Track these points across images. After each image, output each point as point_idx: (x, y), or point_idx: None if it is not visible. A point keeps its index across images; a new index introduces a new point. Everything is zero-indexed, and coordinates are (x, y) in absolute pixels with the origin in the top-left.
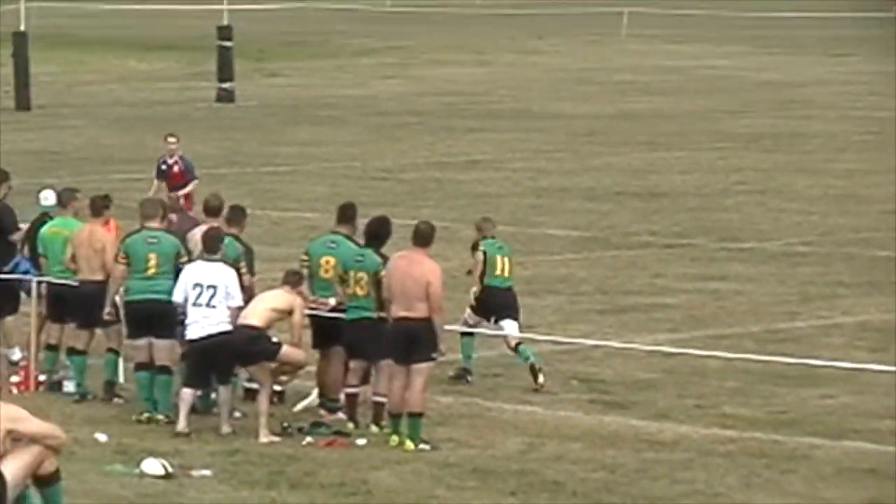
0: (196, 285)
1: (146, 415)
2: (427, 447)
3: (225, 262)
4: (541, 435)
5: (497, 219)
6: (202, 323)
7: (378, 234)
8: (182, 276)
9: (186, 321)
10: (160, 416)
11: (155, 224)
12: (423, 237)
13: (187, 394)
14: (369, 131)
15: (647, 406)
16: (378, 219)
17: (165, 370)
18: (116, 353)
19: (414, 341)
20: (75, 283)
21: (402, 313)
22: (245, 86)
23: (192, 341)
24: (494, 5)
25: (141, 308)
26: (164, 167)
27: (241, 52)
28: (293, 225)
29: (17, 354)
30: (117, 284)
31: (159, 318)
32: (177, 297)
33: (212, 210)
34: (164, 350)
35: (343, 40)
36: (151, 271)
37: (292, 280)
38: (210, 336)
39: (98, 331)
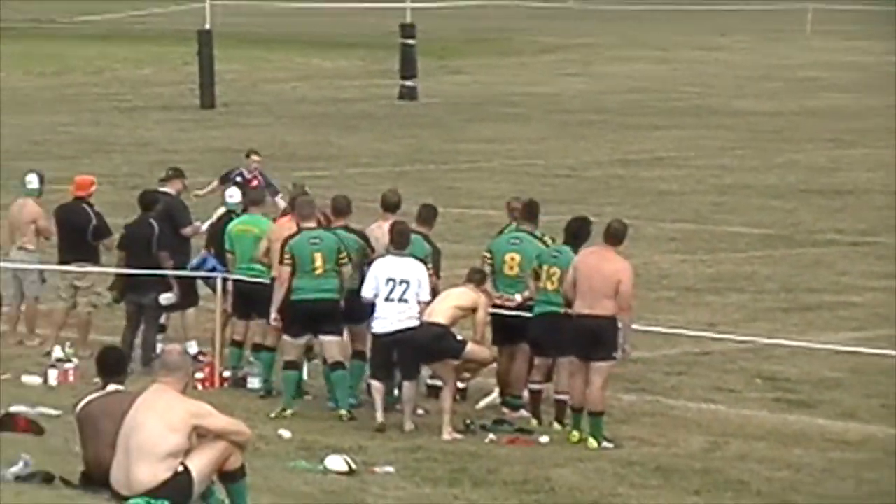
0: (389, 280)
1: (289, 411)
2: (610, 445)
3: (415, 256)
4: (725, 433)
5: (680, 216)
6: (392, 318)
7: (578, 233)
8: (371, 271)
9: (375, 315)
10: (343, 412)
11: (312, 224)
12: (616, 235)
13: (378, 387)
14: (552, 128)
15: (833, 405)
16: (579, 219)
17: (340, 365)
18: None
19: (596, 339)
20: (264, 280)
21: (586, 310)
22: (428, 83)
23: (379, 335)
24: (677, 2)
25: (310, 307)
26: (238, 178)
27: (424, 49)
28: (475, 222)
29: (193, 348)
30: (284, 287)
31: (329, 315)
32: (366, 292)
33: (390, 206)
34: (336, 346)
35: (526, 37)
36: (318, 271)
37: (476, 278)
38: (398, 331)
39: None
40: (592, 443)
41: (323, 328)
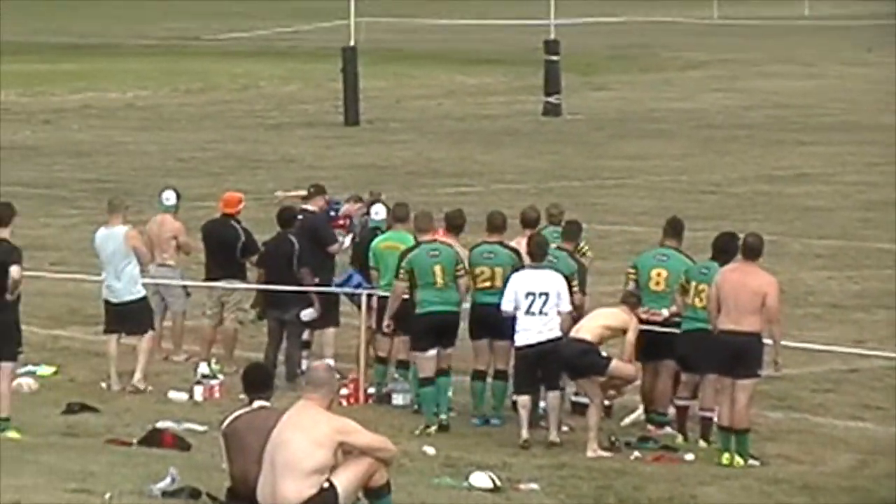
0: (528, 294)
1: (432, 428)
2: (756, 463)
3: (553, 268)
4: (873, 452)
5: (826, 232)
6: (534, 331)
7: (726, 249)
8: (510, 284)
9: (517, 328)
10: (442, 417)
11: (429, 237)
12: (754, 250)
13: (525, 401)
14: (697, 145)
15: None
16: (726, 234)
17: (430, 381)
18: (447, 371)
19: (740, 356)
20: (407, 297)
21: (731, 326)
22: (572, 99)
23: (522, 347)
24: (822, 17)
25: (435, 320)
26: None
27: (568, 65)
28: (619, 238)
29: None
30: (398, 301)
31: (452, 328)
32: (506, 306)
33: (529, 222)
34: (448, 357)
35: (670, 53)
36: (439, 283)
37: (631, 301)
38: (541, 343)
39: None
40: (739, 461)
41: (443, 340)
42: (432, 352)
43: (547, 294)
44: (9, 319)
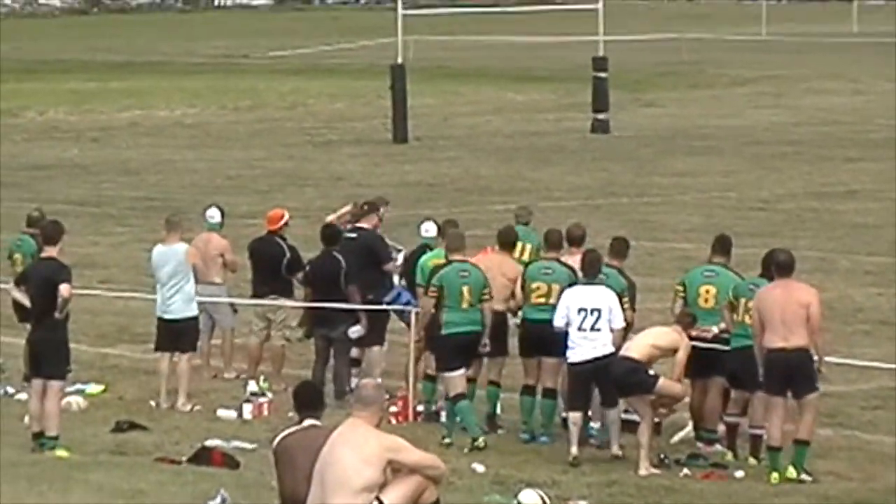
0: (580, 310)
1: (480, 440)
2: (808, 479)
3: (606, 284)
4: None
5: (875, 249)
6: (586, 347)
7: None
8: (563, 300)
9: (569, 344)
10: (480, 440)
11: (460, 256)
12: (788, 266)
13: (576, 417)
14: (745, 161)
15: None
16: (779, 251)
17: (461, 397)
18: (498, 385)
19: (797, 373)
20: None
21: (780, 344)
22: (620, 116)
23: (575, 364)
24: (871, 34)
25: (460, 340)
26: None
27: (617, 82)
28: (668, 255)
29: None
30: (427, 316)
31: (475, 346)
32: (558, 321)
33: (574, 240)
34: (460, 380)
35: (718, 70)
36: (466, 304)
37: (685, 321)
38: (594, 359)
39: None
40: (792, 471)
41: (467, 360)
42: (461, 371)
43: (599, 310)
44: (58, 338)
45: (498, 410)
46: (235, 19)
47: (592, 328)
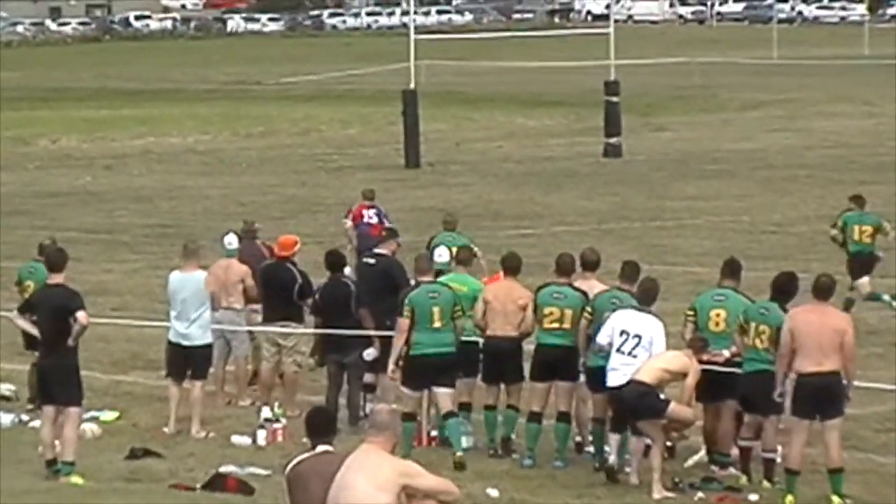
0: (622, 332)
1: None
2: (850, 502)
3: (654, 313)
4: None
5: (889, 271)
6: (622, 371)
7: (786, 289)
8: (610, 320)
9: (609, 366)
10: (458, 454)
11: (428, 278)
12: (827, 290)
13: (615, 438)
14: (757, 185)
15: None
16: (786, 274)
17: (452, 414)
18: (516, 409)
19: (828, 397)
20: (470, 338)
21: (814, 368)
22: (632, 140)
23: (613, 388)
24: (882, 56)
25: (429, 361)
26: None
27: (628, 106)
28: (680, 279)
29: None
30: (403, 337)
31: (445, 369)
32: (601, 339)
33: (589, 264)
34: (449, 398)
35: (730, 94)
36: (437, 324)
37: (697, 345)
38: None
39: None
40: (836, 500)
41: (439, 381)
42: (420, 393)
43: (640, 337)
44: (69, 365)
45: (513, 435)
46: (247, 46)
47: (630, 353)
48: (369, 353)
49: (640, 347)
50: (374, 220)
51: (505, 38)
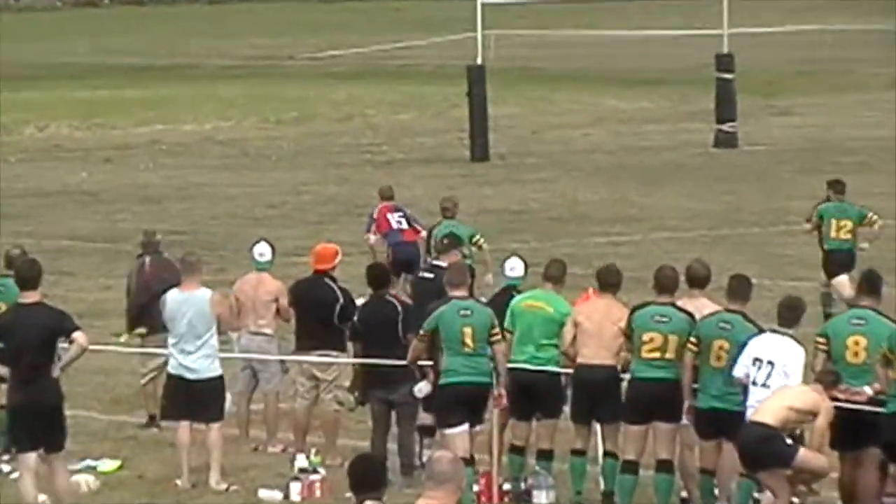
0: (756, 360)
1: None
2: None
3: (794, 336)
4: None
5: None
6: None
7: None
8: (747, 348)
9: (748, 403)
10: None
11: (461, 293)
12: None
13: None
14: None
15: None
16: None
17: (467, 462)
18: (616, 457)
19: None
20: (551, 369)
21: None
22: (750, 126)
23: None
24: None
25: (461, 391)
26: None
27: (745, 85)
28: (810, 297)
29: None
30: (413, 364)
31: (482, 401)
32: (738, 371)
33: (696, 281)
34: (469, 438)
35: (870, 69)
36: (469, 348)
37: (829, 379)
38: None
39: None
40: None
41: (471, 417)
42: (463, 427)
43: (773, 364)
44: (54, 401)
45: (616, 488)
46: (277, 12)
47: (763, 384)
48: (420, 389)
49: (773, 377)
50: (404, 224)
51: (592, 2)
